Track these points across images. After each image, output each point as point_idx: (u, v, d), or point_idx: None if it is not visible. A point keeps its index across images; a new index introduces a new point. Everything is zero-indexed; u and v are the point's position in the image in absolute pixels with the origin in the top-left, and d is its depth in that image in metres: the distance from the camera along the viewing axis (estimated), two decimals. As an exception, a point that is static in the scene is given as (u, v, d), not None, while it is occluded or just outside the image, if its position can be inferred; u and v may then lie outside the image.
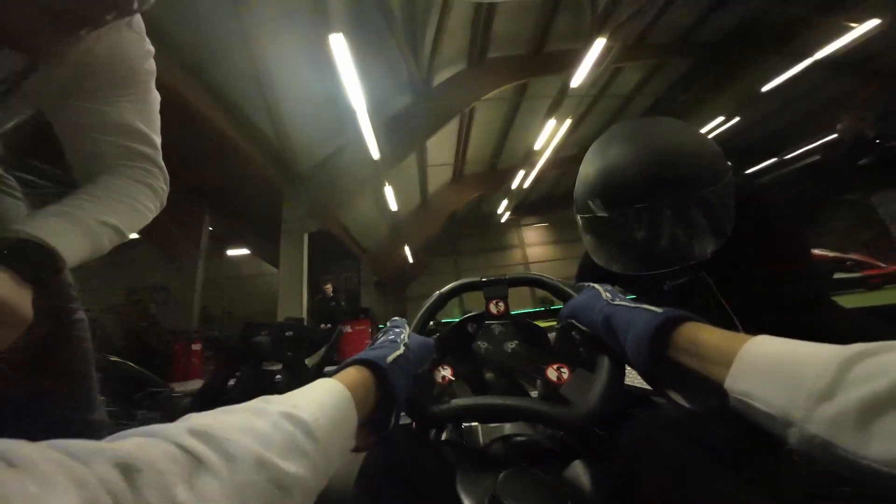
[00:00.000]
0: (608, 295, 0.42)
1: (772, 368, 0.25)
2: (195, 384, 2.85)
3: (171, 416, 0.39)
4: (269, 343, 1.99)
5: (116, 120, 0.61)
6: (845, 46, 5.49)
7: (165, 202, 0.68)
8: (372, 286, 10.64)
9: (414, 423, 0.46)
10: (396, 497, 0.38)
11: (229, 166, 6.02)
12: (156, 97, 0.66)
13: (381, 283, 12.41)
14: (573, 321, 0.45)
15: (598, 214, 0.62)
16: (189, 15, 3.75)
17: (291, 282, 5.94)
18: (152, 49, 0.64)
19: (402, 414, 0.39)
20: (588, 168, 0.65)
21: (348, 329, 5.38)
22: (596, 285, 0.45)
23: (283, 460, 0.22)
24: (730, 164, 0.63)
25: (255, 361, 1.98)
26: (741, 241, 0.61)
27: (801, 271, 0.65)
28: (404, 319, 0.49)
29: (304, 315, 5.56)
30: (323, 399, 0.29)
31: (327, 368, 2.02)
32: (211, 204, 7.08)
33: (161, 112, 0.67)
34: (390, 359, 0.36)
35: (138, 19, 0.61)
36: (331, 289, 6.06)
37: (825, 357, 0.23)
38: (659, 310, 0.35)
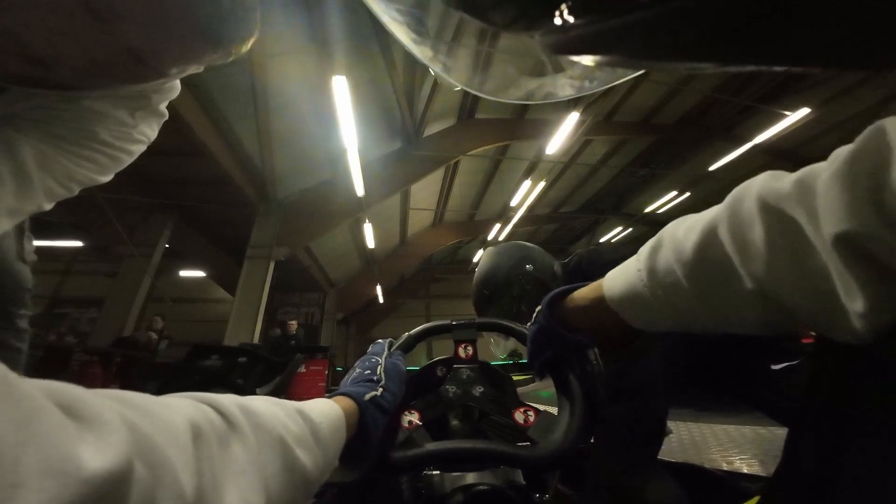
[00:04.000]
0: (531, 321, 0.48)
1: (620, 269, 0.37)
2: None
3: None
4: (219, 368, 1.76)
5: None
6: (780, 133, 6.32)
7: None
8: (335, 323, 10.04)
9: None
10: None
11: (205, 181, 5.81)
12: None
13: (345, 321, 11.77)
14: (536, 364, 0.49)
15: None
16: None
17: (246, 310, 5.49)
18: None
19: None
20: None
21: (302, 369, 4.94)
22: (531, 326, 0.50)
23: (296, 447, 0.24)
24: (529, 266, 0.88)
25: (200, 387, 1.72)
26: None
27: None
28: (384, 343, 0.49)
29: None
30: (323, 408, 0.31)
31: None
32: (174, 218, 6.65)
33: None
34: (367, 397, 0.38)
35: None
36: (295, 325, 5.64)
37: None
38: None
